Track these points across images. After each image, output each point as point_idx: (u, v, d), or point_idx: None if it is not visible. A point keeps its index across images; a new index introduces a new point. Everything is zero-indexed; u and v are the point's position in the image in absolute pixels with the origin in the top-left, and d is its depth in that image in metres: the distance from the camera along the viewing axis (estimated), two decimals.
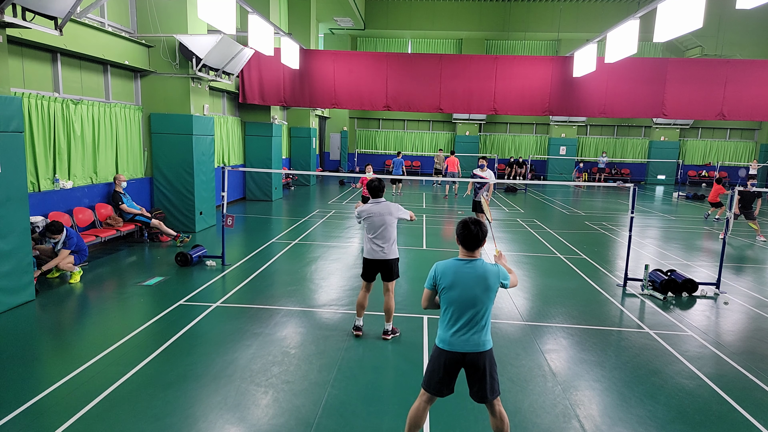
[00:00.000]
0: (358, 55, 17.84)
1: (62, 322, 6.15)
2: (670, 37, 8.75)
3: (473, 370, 3.38)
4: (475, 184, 11.18)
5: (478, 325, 3.33)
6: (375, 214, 5.48)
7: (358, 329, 5.70)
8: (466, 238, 3.30)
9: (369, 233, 5.53)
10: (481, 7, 26.51)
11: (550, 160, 28.47)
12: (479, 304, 3.30)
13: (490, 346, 3.42)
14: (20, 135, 6.28)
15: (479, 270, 3.31)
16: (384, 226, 5.47)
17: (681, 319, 6.63)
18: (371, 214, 5.48)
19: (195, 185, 11.04)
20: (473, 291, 3.28)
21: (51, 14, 6.48)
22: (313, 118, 21.54)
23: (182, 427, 3.88)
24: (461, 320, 3.31)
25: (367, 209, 5.52)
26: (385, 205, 5.54)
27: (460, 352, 3.33)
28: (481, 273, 3.30)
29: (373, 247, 5.50)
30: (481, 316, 3.33)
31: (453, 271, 3.31)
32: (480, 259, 3.38)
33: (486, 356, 3.38)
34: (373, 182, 5.58)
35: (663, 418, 4.21)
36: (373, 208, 5.51)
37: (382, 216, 5.48)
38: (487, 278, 3.30)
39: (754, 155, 28.22)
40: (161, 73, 10.78)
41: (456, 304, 3.30)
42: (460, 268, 3.31)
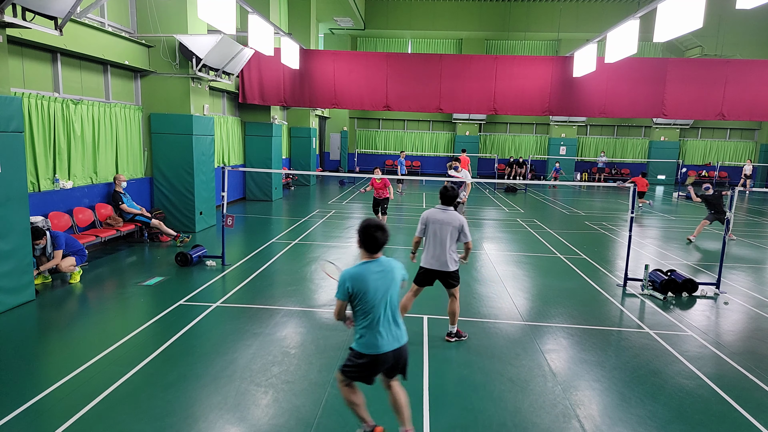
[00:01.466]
0: (358, 55, 17.84)
1: (62, 322, 6.15)
2: (670, 37, 8.75)
3: (401, 362, 3.55)
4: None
5: (395, 318, 3.47)
6: (438, 222, 5.22)
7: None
8: (371, 242, 3.37)
9: (430, 241, 5.28)
10: (481, 7, 26.51)
11: (550, 160, 28.48)
12: (393, 299, 3.44)
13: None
14: (20, 135, 6.28)
15: (385, 266, 3.43)
16: (447, 235, 5.23)
17: (681, 319, 6.63)
18: (435, 221, 5.22)
19: (195, 185, 11.04)
20: (386, 288, 3.39)
21: (51, 14, 6.48)
22: (313, 118, 21.54)
23: (182, 427, 3.88)
24: (383, 319, 3.40)
25: (432, 216, 5.26)
26: (453, 215, 5.26)
27: (391, 351, 3.43)
28: (388, 269, 3.43)
29: (431, 255, 5.29)
30: (395, 309, 3.47)
31: (363, 276, 3.35)
32: (382, 257, 3.47)
33: (407, 347, 3.56)
34: (447, 190, 5.30)
35: (663, 418, 4.21)
36: (439, 215, 5.25)
37: (447, 225, 5.21)
38: (394, 272, 3.45)
39: (754, 155, 28.22)
40: (161, 73, 10.78)
41: (375, 305, 3.36)
42: (370, 271, 3.37)
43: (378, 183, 11.32)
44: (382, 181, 11.30)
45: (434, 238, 5.27)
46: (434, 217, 5.27)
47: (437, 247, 5.28)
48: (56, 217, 8.23)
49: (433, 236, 5.28)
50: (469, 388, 4.62)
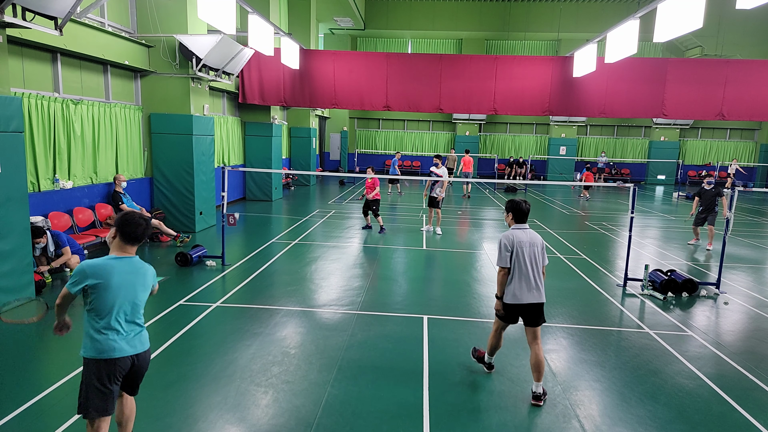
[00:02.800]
0: (358, 55, 17.84)
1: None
2: (670, 37, 8.75)
3: (142, 371, 3.29)
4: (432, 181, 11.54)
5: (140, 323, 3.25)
6: (526, 244, 4.44)
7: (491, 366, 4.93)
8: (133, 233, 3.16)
9: (520, 269, 4.42)
10: (481, 7, 26.51)
11: (550, 160, 28.48)
12: (140, 302, 3.21)
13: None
14: (20, 135, 6.28)
15: (137, 265, 3.22)
16: (536, 258, 4.47)
17: (681, 319, 6.63)
18: (522, 244, 4.42)
19: (195, 185, 11.04)
20: (134, 288, 3.16)
21: (51, 14, 6.48)
22: (313, 118, 21.54)
23: (182, 427, 3.88)
24: (128, 321, 3.15)
25: (518, 238, 4.42)
26: (533, 234, 4.55)
27: (131, 356, 3.15)
28: (140, 269, 3.22)
29: (524, 286, 4.42)
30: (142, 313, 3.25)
31: (110, 269, 3.09)
32: (136, 257, 3.26)
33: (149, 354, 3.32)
34: (523, 205, 4.56)
35: (663, 418, 4.21)
36: (521, 235, 4.46)
37: (534, 247, 4.47)
38: (146, 275, 3.25)
39: (754, 155, 28.23)
40: (161, 73, 10.78)
41: (120, 303, 3.10)
42: (119, 265, 3.13)
43: (369, 183, 11.39)
44: (373, 181, 11.35)
45: (527, 263, 4.45)
46: (520, 239, 4.43)
47: (533, 273, 4.48)
48: (56, 217, 8.23)
49: (525, 262, 4.44)
50: (469, 388, 4.62)
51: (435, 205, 11.71)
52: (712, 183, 10.98)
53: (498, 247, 4.50)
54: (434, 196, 11.64)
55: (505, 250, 4.43)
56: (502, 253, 4.44)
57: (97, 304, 3.06)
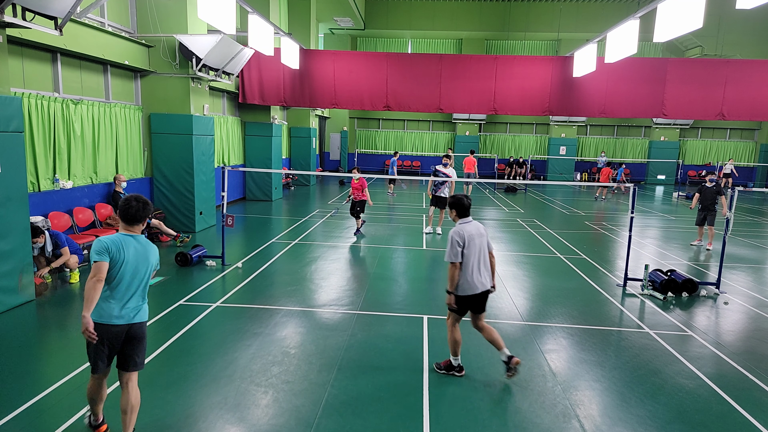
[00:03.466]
0: (358, 55, 17.84)
1: (62, 322, 6.15)
2: (670, 37, 8.75)
3: (135, 340, 3.52)
4: (436, 181, 11.34)
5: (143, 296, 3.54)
6: (474, 236, 4.60)
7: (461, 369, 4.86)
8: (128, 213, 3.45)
9: (469, 261, 4.57)
10: (481, 7, 26.51)
11: (550, 160, 28.48)
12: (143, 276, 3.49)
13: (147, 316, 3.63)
14: (20, 135, 6.28)
15: (144, 243, 3.53)
16: (483, 248, 4.69)
17: (681, 319, 6.63)
18: (472, 237, 4.58)
19: (195, 185, 11.04)
20: (138, 264, 3.44)
21: (51, 14, 6.48)
22: (313, 118, 21.54)
23: (182, 427, 3.88)
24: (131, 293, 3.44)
25: (468, 231, 4.58)
26: (477, 224, 4.73)
27: (124, 325, 3.44)
28: (146, 246, 3.53)
29: (477, 276, 4.59)
30: (145, 286, 3.53)
31: (123, 245, 3.40)
32: (142, 235, 3.56)
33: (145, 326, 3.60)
34: (465, 201, 4.72)
35: (663, 418, 4.21)
36: (469, 228, 4.62)
37: (481, 237, 4.67)
38: (149, 253, 3.52)
39: (754, 155, 28.23)
40: (161, 73, 10.78)
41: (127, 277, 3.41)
42: (129, 243, 3.44)
43: (355, 183, 11.11)
44: (360, 182, 11.09)
45: (476, 255, 4.62)
46: (469, 233, 4.58)
47: (482, 263, 4.68)
48: (56, 217, 8.23)
49: (474, 254, 4.61)
50: (469, 388, 4.62)
51: (441, 205, 11.43)
52: (713, 181, 10.93)
53: (449, 242, 4.59)
54: (443, 196, 11.30)
55: (458, 246, 4.54)
56: (455, 249, 4.54)
57: (108, 275, 3.34)
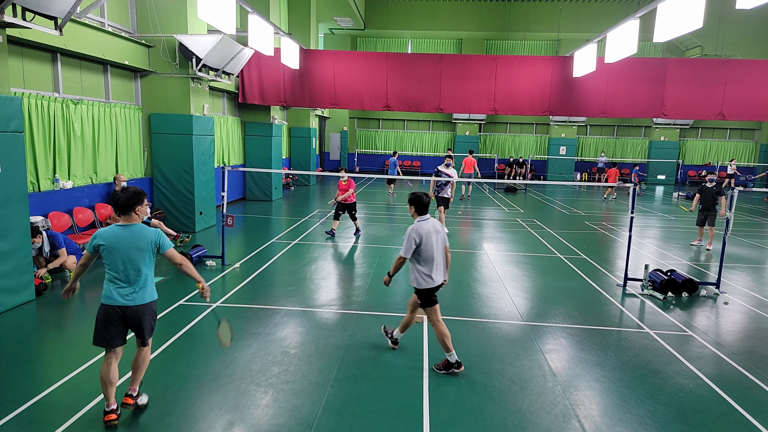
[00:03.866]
0: (358, 55, 17.84)
1: (62, 322, 6.15)
2: (670, 37, 8.75)
3: (135, 321, 3.92)
4: (439, 181, 11.34)
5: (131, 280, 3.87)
6: (432, 233, 4.82)
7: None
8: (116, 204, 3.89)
9: (430, 257, 4.79)
10: (481, 7, 26.51)
11: (550, 160, 28.48)
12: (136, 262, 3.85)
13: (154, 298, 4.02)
14: (20, 135, 6.28)
15: (134, 232, 3.86)
16: (440, 244, 4.88)
17: (681, 319, 6.63)
18: (429, 234, 4.80)
19: (195, 185, 11.04)
20: (128, 251, 3.81)
21: (51, 14, 6.48)
22: (313, 118, 21.54)
23: (182, 427, 3.88)
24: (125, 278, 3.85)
25: (426, 229, 4.78)
26: (435, 221, 4.93)
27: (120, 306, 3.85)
28: (136, 234, 3.85)
29: (435, 271, 4.82)
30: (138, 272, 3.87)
31: (115, 235, 3.83)
32: (138, 224, 3.92)
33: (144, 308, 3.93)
34: (424, 198, 4.89)
35: (663, 418, 4.21)
36: (427, 226, 4.82)
37: (438, 234, 4.87)
38: (140, 239, 3.85)
39: (754, 155, 28.23)
40: (161, 73, 10.78)
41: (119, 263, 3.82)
42: (119, 233, 3.84)
43: (343, 185, 10.87)
44: (348, 183, 10.86)
45: (434, 251, 4.83)
46: (426, 230, 4.80)
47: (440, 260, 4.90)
48: (56, 217, 8.23)
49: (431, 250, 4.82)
50: (469, 388, 4.62)
51: (444, 203, 11.43)
52: (713, 181, 10.91)
53: (407, 237, 4.78)
54: (446, 197, 11.33)
55: (414, 243, 4.76)
56: (411, 245, 4.77)
57: (106, 261, 3.84)
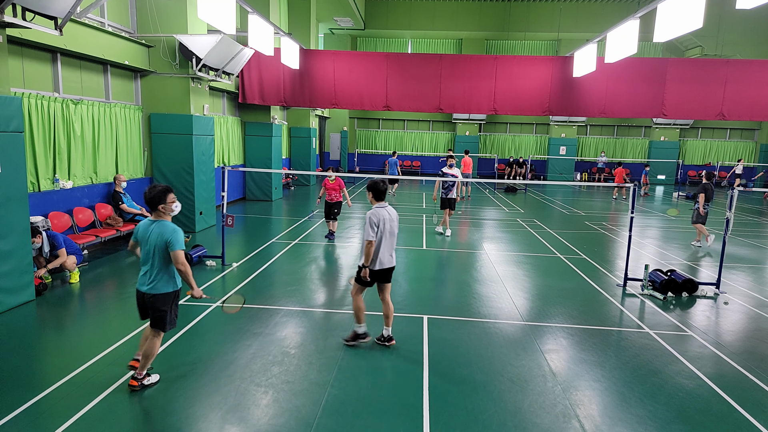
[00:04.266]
0: (358, 55, 17.84)
1: (62, 322, 6.15)
2: (670, 37, 8.75)
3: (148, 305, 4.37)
4: (446, 183, 11.34)
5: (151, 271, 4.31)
6: (387, 219, 5.25)
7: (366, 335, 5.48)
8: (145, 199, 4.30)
9: (384, 240, 5.22)
10: (481, 7, 26.51)
11: (550, 160, 28.48)
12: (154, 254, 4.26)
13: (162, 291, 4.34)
14: (20, 135, 6.28)
15: (157, 227, 4.28)
16: (393, 230, 5.32)
17: (681, 319, 6.63)
18: (385, 220, 5.22)
19: (195, 185, 11.04)
20: (151, 243, 4.26)
21: (51, 14, 6.48)
22: (313, 118, 21.54)
23: (182, 427, 3.88)
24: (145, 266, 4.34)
25: (382, 215, 5.21)
26: (391, 209, 5.38)
27: (139, 291, 4.40)
28: (156, 229, 4.26)
29: (385, 254, 5.26)
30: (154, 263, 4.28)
31: (143, 228, 4.36)
32: (164, 221, 4.32)
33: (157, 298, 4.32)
34: (380, 185, 5.32)
35: (663, 418, 4.21)
36: (384, 213, 5.25)
37: (392, 221, 5.30)
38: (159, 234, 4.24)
39: (754, 155, 28.22)
40: (161, 73, 10.78)
41: (143, 253, 4.35)
42: (146, 226, 4.35)
43: (331, 184, 10.46)
44: (336, 182, 10.50)
45: (390, 236, 5.30)
46: (383, 216, 5.23)
47: (392, 244, 5.35)
48: (56, 217, 8.23)
49: (388, 235, 5.27)
50: (469, 387, 4.62)
51: (449, 205, 11.45)
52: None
53: (367, 223, 5.16)
54: (453, 198, 11.33)
55: (374, 226, 5.16)
56: (373, 228, 5.14)
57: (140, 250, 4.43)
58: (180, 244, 4.23)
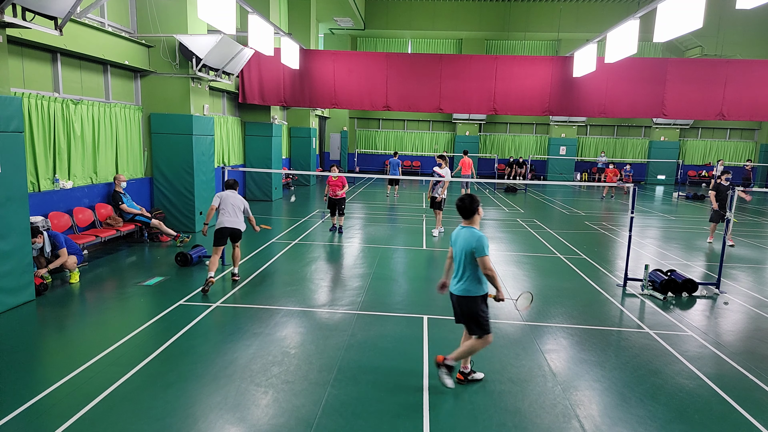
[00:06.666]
0: (358, 55, 17.84)
1: (62, 322, 6.15)
2: (670, 37, 8.75)
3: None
4: (435, 183, 11.48)
5: (461, 274, 4.48)
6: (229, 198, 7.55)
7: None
8: (459, 209, 4.58)
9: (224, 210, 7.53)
10: (481, 7, 26.52)
11: (550, 160, 28.48)
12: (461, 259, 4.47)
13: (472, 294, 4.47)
14: (20, 135, 6.29)
15: (465, 234, 4.46)
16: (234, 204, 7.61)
17: (681, 319, 6.63)
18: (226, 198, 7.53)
19: (195, 185, 11.04)
20: (458, 249, 4.48)
21: (51, 14, 6.48)
22: (313, 118, 21.54)
23: (182, 427, 3.88)
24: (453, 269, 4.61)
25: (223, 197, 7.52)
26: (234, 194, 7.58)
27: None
28: (467, 236, 4.43)
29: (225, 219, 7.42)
30: (461, 268, 4.47)
31: (455, 233, 4.62)
32: (470, 227, 4.50)
33: (466, 300, 4.48)
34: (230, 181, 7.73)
35: (663, 418, 4.21)
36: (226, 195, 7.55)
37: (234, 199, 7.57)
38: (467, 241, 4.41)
39: (754, 155, 28.22)
40: (161, 73, 10.78)
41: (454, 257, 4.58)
42: (458, 232, 4.58)
43: (335, 181, 11.19)
44: (339, 179, 11.19)
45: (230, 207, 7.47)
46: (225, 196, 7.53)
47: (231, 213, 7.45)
48: (56, 217, 8.23)
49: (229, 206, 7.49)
50: (468, 387, 4.62)
51: (437, 206, 11.58)
52: (730, 180, 10.95)
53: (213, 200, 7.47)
54: (434, 197, 11.53)
55: (215, 203, 7.46)
56: (216, 200, 7.46)
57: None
58: (485, 250, 4.33)
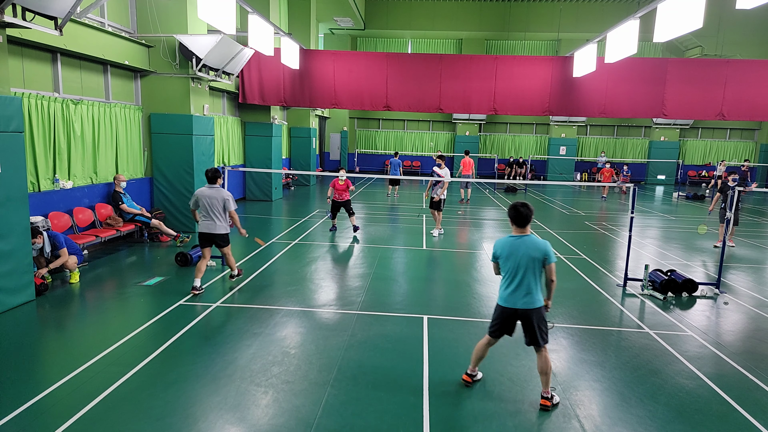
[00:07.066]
0: (358, 55, 17.84)
1: (62, 322, 6.15)
2: (670, 37, 8.74)
3: (525, 322, 4.32)
4: (435, 183, 11.52)
5: (527, 286, 4.23)
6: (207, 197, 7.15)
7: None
8: (515, 218, 4.28)
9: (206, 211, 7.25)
10: (481, 7, 26.52)
11: (550, 160, 28.48)
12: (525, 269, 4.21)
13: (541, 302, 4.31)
14: (20, 135, 6.29)
15: (528, 243, 4.23)
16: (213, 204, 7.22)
17: (681, 319, 6.63)
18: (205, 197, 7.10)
19: (195, 185, 11.03)
20: (521, 259, 4.20)
21: (51, 14, 6.48)
22: (313, 118, 21.54)
23: (182, 427, 3.88)
24: (513, 282, 4.26)
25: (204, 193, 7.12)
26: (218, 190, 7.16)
27: (512, 308, 4.34)
28: (530, 245, 4.22)
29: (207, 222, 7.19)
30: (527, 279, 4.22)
31: (509, 244, 4.30)
32: (529, 235, 4.29)
33: (538, 311, 4.26)
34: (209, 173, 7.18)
35: (663, 418, 4.21)
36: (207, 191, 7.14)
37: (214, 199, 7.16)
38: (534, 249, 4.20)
39: (754, 155, 28.22)
40: (161, 73, 10.78)
41: (510, 269, 4.28)
42: (513, 242, 4.29)
43: (341, 185, 11.19)
44: (345, 183, 11.22)
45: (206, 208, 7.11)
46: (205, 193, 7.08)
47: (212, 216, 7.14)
48: (56, 217, 8.23)
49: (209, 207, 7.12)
50: (468, 388, 4.62)
51: (435, 206, 11.60)
52: (737, 180, 10.93)
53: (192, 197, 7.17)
54: (433, 197, 11.54)
55: (194, 199, 7.15)
56: (192, 200, 7.18)
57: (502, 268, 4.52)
58: (554, 257, 4.25)
